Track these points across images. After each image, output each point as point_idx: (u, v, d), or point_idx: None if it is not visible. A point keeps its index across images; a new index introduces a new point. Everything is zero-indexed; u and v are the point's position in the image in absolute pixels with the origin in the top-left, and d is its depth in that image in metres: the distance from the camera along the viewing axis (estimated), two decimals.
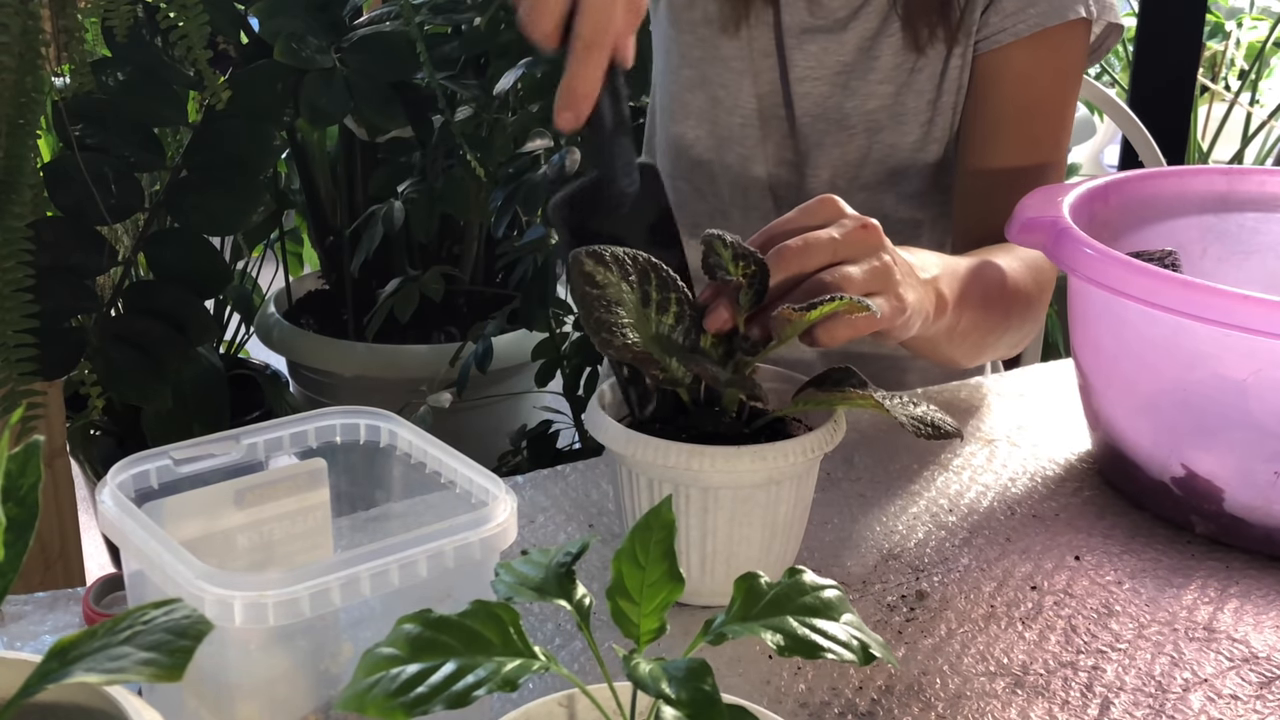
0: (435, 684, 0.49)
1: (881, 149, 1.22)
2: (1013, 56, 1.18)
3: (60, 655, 0.44)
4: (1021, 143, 1.19)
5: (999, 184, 1.17)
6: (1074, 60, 1.20)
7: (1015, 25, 1.17)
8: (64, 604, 0.84)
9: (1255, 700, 0.77)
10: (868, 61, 1.21)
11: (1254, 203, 1.14)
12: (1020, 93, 1.19)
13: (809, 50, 1.21)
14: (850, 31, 1.20)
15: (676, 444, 0.80)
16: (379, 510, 0.78)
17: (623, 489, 0.85)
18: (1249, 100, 3.11)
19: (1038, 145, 1.19)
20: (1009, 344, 1.15)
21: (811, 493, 0.85)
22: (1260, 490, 0.90)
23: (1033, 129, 1.20)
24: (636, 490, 0.83)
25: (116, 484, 0.69)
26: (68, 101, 1.69)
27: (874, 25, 1.20)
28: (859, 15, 1.20)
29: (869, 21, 1.20)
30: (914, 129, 1.22)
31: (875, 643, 0.54)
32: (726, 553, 0.82)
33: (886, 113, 1.22)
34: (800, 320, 0.79)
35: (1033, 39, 1.17)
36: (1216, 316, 0.84)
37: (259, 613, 0.60)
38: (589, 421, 0.84)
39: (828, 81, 1.22)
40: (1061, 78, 1.20)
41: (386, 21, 2.01)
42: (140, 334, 1.79)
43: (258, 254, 2.72)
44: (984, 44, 1.19)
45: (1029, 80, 1.19)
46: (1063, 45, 1.18)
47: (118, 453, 2.03)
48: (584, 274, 0.78)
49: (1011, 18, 1.17)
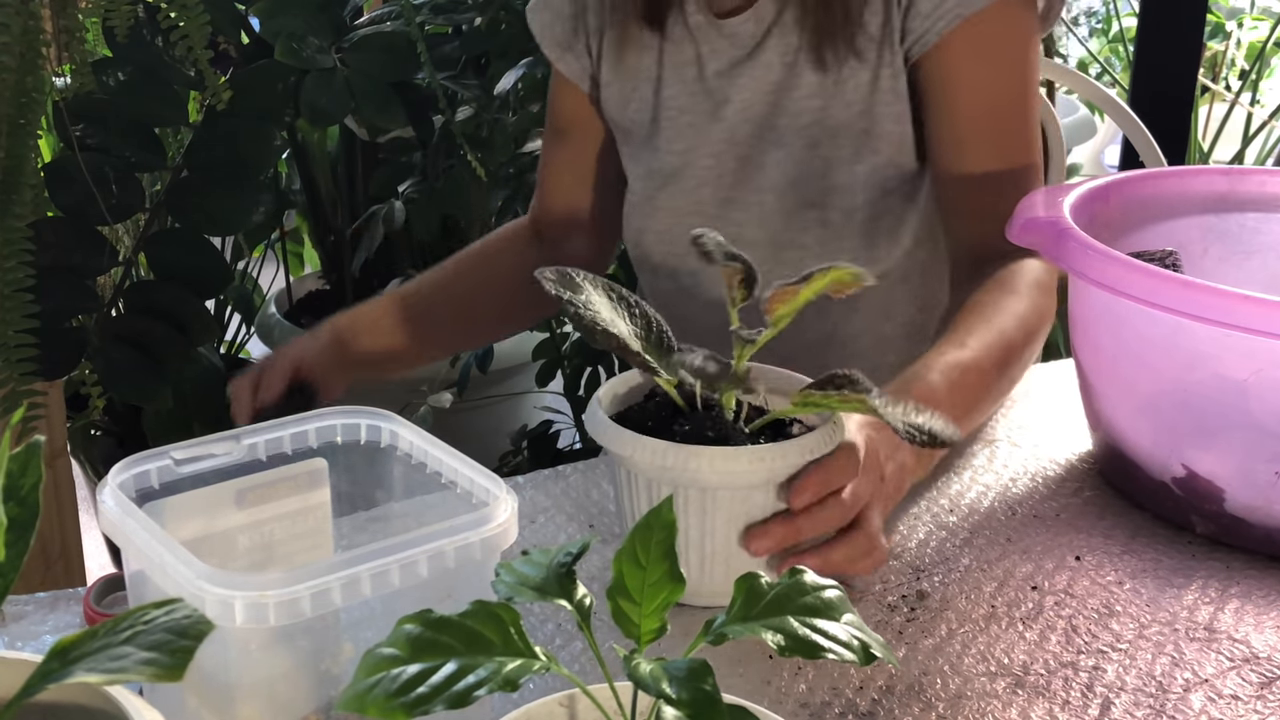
0: (436, 684, 0.49)
1: (821, 163, 1.19)
2: (949, 54, 1.13)
3: (61, 655, 0.44)
4: (989, 147, 1.14)
5: (976, 188, 1.14)
6: (1018, 41, 1.15)
7: (935, 24, 1.12)
8: (65, 604, 0.84)
9: (1256, 700, 0.77)
10: (793, 78, 1.18)
11: (1255, 203, 1.14)
12: (971, 90, 1.14)
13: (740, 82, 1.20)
14: (768, 52, 1.18)
15: (674, 445, 0.80)
16: (380, 510, 0.78)
17: (622, 490, 0.85)
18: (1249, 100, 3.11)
19: (1005, 145, 1.15)
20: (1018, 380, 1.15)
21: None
22: (1261, 490, 0.90)
23: (997, 130, 1.15)
24: (636, 491, 0.83)
25: (118, 484, 0.69)
26: (68, 101, 1.69)
27: (792, 40, 1.17)
28: (769, 37, 1.18)
29: (785, 38, 1.17)
30: (846, 141, 1.18)
31: (876, 643, 0.54)
32: (726, 553, 0.82)
33: (820, 127, 1.18)
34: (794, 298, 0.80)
35: (964, 31, 1.12)
36: (1217, 317, 0.84)
37: (260, 613, 0.61)
38: (589, 422, 0.84)
39: (763, 102, 1.19)
40: (1010, 64, 1.15)
41: (387, 21, 2.01)
42: (141, 334, 1.79)
43: (258, 254, 2.72)
44: (915, 48, 1.14)
45: (975, 75, 1.14)
46: (1000, 28, 1.13)
47: (118, 453, 2.03)
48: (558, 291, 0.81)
49: (929, 18, 1.12)
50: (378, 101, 1.95)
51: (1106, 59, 3.47)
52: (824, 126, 1.18)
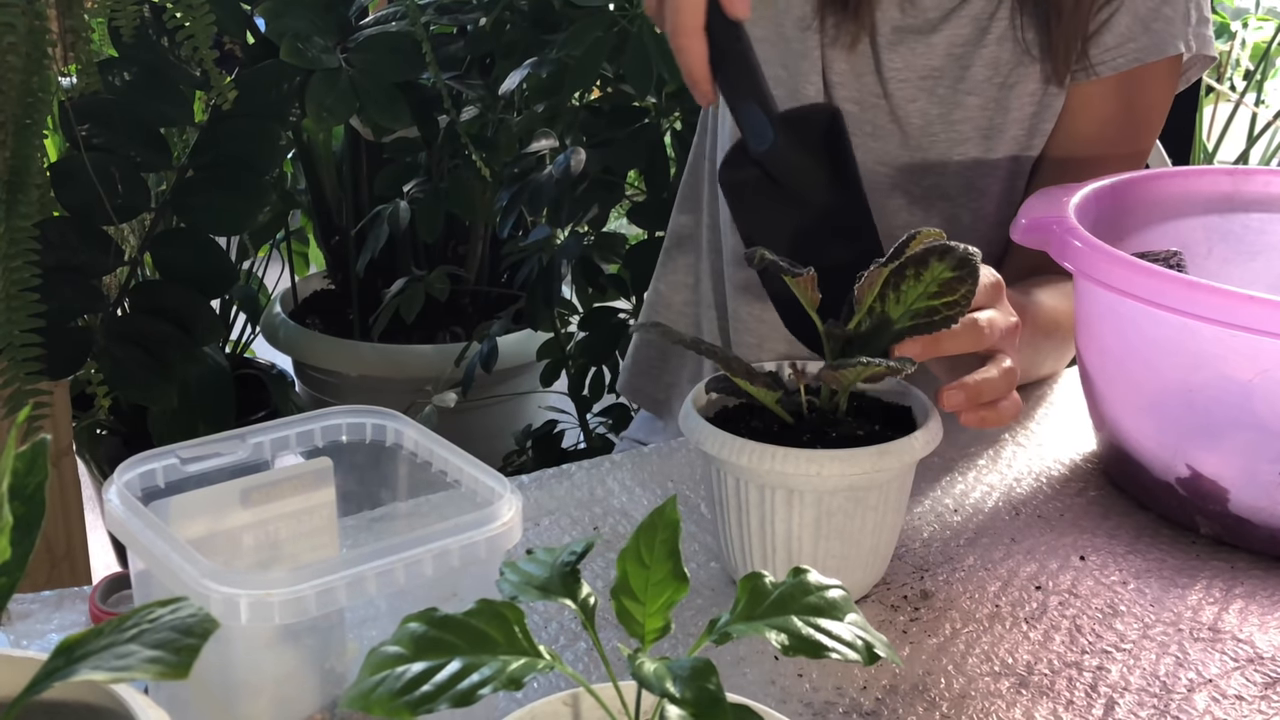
0: (440, 683, 0.49)
1: (963, 161, 1.20)
2: (1105, 88, 1.16)
3: (67, 653, 0.44)
4: (1095, 170, 1.14)
5: None
6: (1163, 94, 1.18)
7: (1114, 59, 1.15)
8: (70, 602, 0.85)
9: (1260, 701, 0.77)
10: (958, 70, 1.18)
11: (1259, 203, 1.13)
12: (1104, 126, 1.17)
13: (899, 52, 1.18)
14: (939, 35, 1.17)
15: (756, 444, 0.79)
16: (385, 510, 0.78)
17: (713, 489, 0.84)
18: (1254, 101, 3.10)
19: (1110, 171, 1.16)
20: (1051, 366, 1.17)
21: (903, 501, 0.85)
22: (1265, 491, 0.90)
23: (1110, 157, 1.17)
24: (725, 490, 0.83)
25: (123, 483, 0.69)
26: (74, 102, 1.69)
27: (966, 34, 1.17)
28: (949, 19, 1.17)
29: (961, 29, 1.17)
30: (999, 145, 1.19)
31: (880, 642, 0.54)
32: (811, 557, 0.81)
33: (971, 125, 1.19)
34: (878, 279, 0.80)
35: (1128, 73, 1.15)
36: (1221, 317, 0.84)
37: (265, 611, 0.61)
38: (684, 423, 0.83)
39: (914, 86, 1.19)
40: (1147, 111, 1.18)
41: (392, 21, 2.01)
42: (146, 334, 1.79)
43: (263, 254, 2.72)
44: (1080, 74, 1.16)
45: (1115, 115, 1.17)
46: (1155, 79, 1.16)
47: (124, 452, 2.03)
48: None
49: (1111, 51, 1.14)
50: (382, 101, 1.95)
51: None
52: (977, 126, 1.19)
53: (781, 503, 0.80)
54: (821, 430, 0.82)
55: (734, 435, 0.79)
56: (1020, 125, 1.19)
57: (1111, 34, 1.14)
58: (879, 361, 0.78)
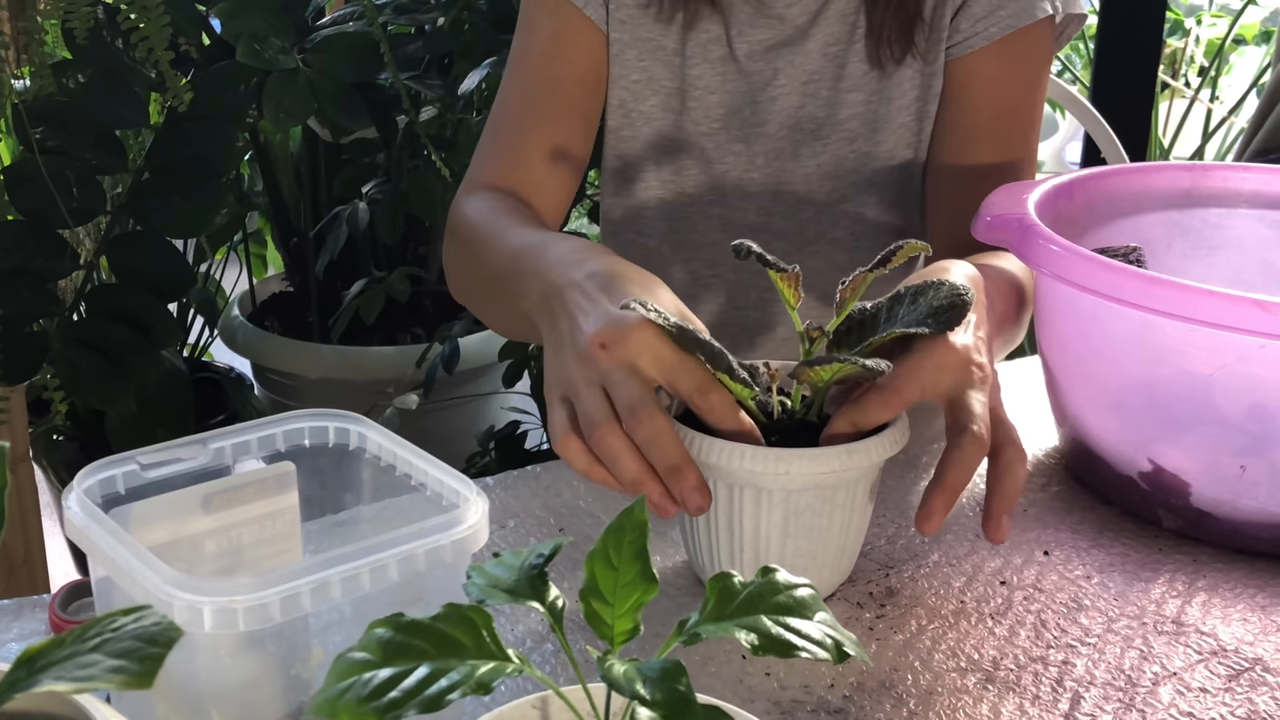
0: (408, 688, 0.49)
1: (857, 157, 1.22)
2: (984, 60, 1.17)
3: (28, 664, 0.44)
4: (995, 144, 1.19)
5: (976, 180, 1.16)
6: (1043, 57, 1.20)
7: (986, 29, 1.16)
8: (29, 611, 0.84)
9: (1224, 693, 0.78)
10: (835, 70, 1.20)
11: (1217, 198, 1.14)
12: (993, 96, 1.18)
13: (775, 64, 1.21)
14: (812, 40, 1.20)
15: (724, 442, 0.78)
16: (349, 514, 0.78)
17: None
18: (1209, 97, 3.13)
19: (1010, 145, 1.19)
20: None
21: (871, 500, 0.85)
22: (1227, 484, 0.91)
23: (1006, 130, 1.19)
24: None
25: (83, 489, 0.68)
26: (28, 104, 1.68)
27: (837, 32, 1.19)
28: (818, 21, 1.19)
29: (831, 27, 1.19)
30: (888, 136, 1.21)
31: (849, 641, 0.54)
32: (780, 556, 0.81)
33: (859, 120, 1.21)
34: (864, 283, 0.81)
35: (1003, 41, 1.16)
36: (1182, 312, 0.85)
37: (229, 618, 0.60)
38: None
39: (797, 92, 1.21)
40: (1033, 77, 1.20)
41: (350, 22, 2.01)
42: (103, 338, 1.78)
43: (221, 256, 2.71)
44: (955, 49, 1.18)
45: (1001, 83, 1.18)
46: (1032, 44, 1.18)
47: (81, 458, 2.01)
48: None
49: (982, 22, 1.16)
50: (341, 102, 1.95)
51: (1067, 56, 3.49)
52: (865, 121, 1.21)
53: (750, 502, 0.80)
54: (790, 430, 0.82)
55: (702, 433, 0.79)
56: (907, 112, 1.20)
57: (979, 4, 1.16)
58: (854, 360, 0.78)
